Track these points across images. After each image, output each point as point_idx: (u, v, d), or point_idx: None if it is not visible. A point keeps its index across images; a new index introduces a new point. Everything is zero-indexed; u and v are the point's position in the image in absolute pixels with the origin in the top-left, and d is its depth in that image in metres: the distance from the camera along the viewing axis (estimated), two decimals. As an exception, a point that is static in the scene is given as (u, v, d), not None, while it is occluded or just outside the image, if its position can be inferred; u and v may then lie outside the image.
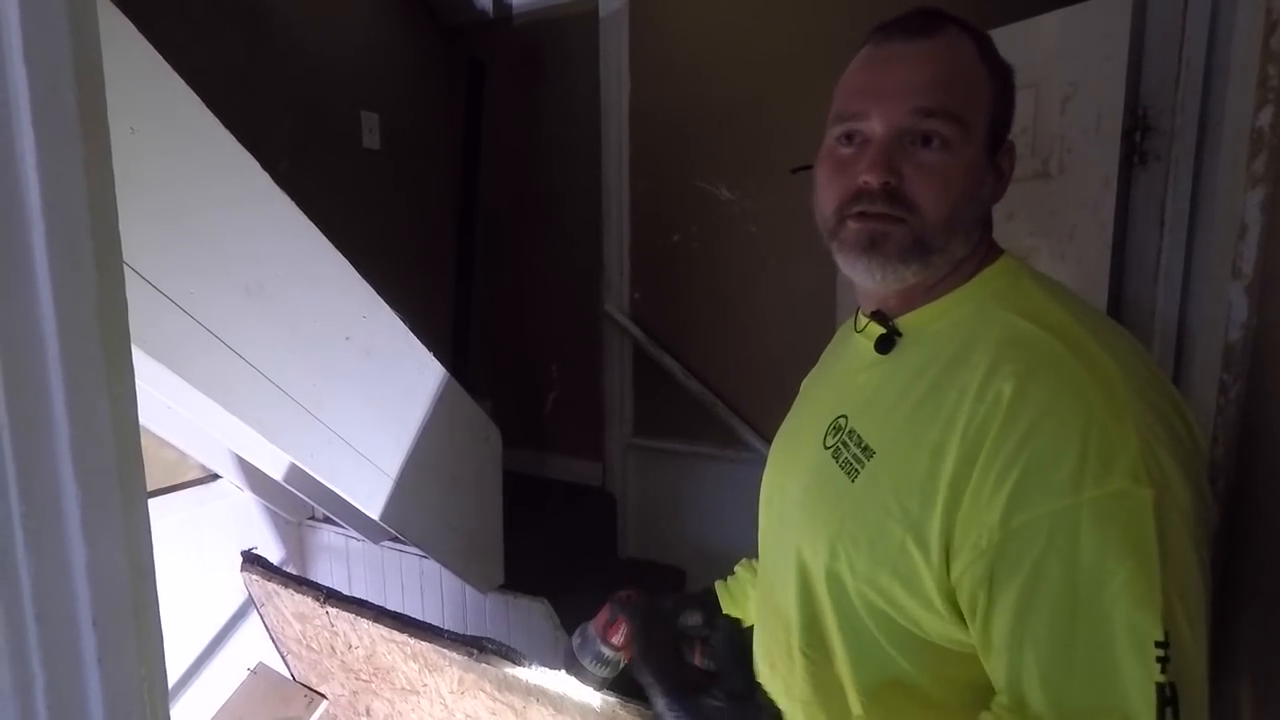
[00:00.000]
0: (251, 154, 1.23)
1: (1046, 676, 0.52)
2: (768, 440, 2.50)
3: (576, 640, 0.98)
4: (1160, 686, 0.48)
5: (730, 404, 2.37)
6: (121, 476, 0.63)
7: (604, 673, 0.96)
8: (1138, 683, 0.49)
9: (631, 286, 2.55)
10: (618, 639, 0.94)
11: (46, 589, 0.59)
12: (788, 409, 0.88)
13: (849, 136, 0.65)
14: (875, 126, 0.63)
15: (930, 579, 0.58)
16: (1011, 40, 1.29)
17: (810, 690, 0.69)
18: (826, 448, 0.70)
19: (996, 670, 0.56)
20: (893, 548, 0.60)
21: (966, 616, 0.58)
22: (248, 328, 1.24)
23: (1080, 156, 1.24)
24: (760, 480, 0.84)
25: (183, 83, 1.12)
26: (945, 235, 0.63)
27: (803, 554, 0.69)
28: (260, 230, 1.26)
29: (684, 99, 2.37)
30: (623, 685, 1.02)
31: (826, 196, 0.67)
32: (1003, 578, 0.54)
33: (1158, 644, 0.49)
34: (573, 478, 2.71)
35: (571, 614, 1.94)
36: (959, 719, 0.61)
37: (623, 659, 0.96)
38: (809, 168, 0.69)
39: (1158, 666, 0.48)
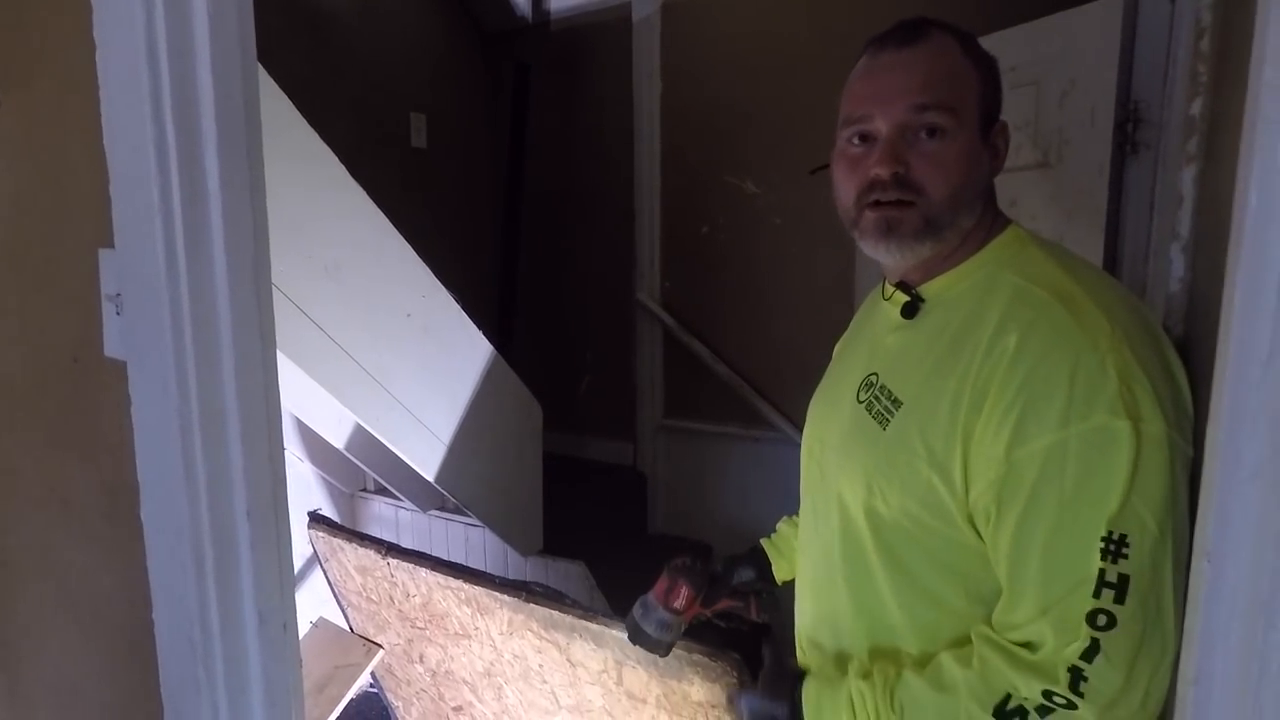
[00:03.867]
0: (315, 152, 1.39)
1: (1040, 576, 0.64)
2: (791, 420, 2.61)
3: (639, 611, 1.02)
4: (1101, 571, 0.60)
5: (756, 386, 2.50)
6: (267, 396, 0.78)
7: (668, 637, 1.00)
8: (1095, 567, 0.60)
9: (662, 275, 2.70)
10: (679, 603, 0.99)
11: (216, 485, 0.75)
12: (811, 389, 0.97)
13: (859, 137, 0.75)
14: (880, 125, 0.72)
15: (954, 504, 0.70)
16: (1014, 41, 1.40)
17: (853, 608, 0.81)
18: (860, 401, 0.80)
19: (1001, 572, 0.68)
20: (920, 483, 0.71)
21: (982, 531, 0.69)
22: (328, 304, 1.41)
23: (1077, 147, 1.35)
24: (782, 457, 0.95)
25: (275, 85, 1.29)
26: (952, 212, 0.73)
27: (843, 493, 0.80)
28: (339, 216, 1.42)
29: (712, 99, 2.50)
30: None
31: (845, 190, 0.77)
32: (1007, 499, 0.65)
33: (1102, 539, 0.60)
34: (605, 457, 2.86)
35: (605, 582, 2.09)
36: (978, 624, 0.72)
37: (684, 622, 1.01)
38: (826, 167, 0.80)
39: (1097, 555, 0.60)
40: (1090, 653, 0.61)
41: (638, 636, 1.03)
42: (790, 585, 1.09)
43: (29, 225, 0.88)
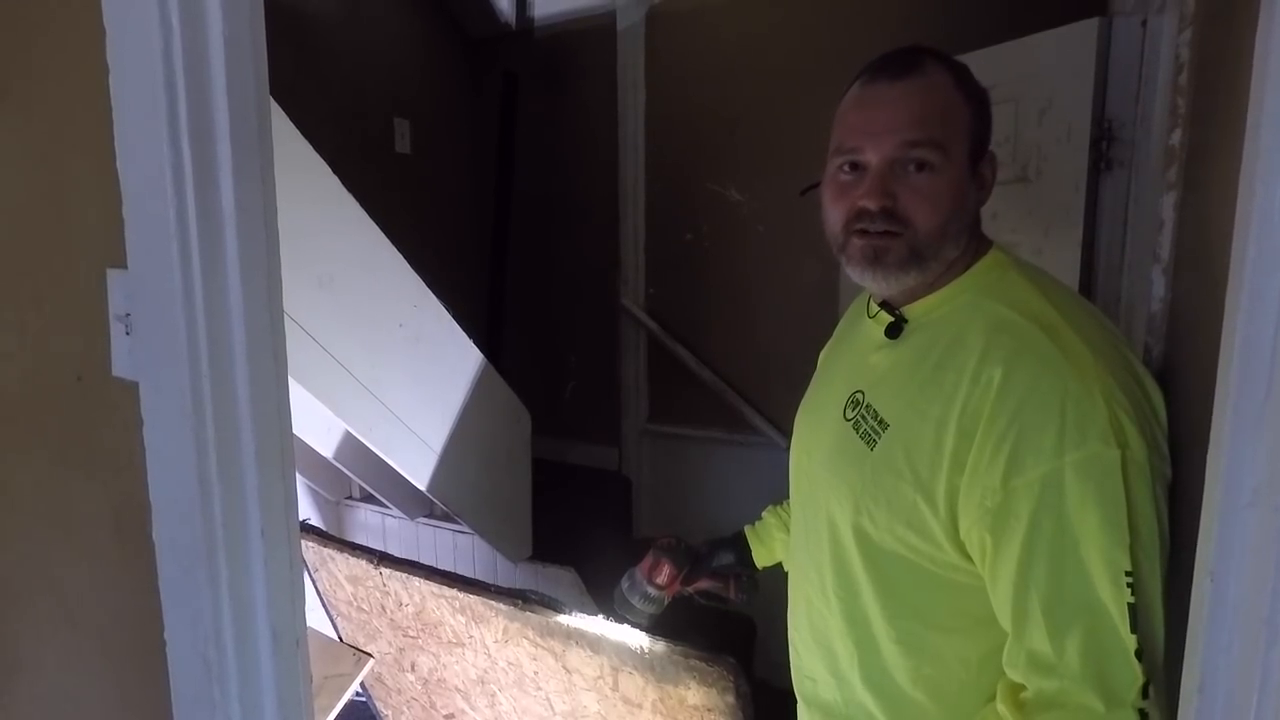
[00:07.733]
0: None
1: (1046, 607, 0.65)
2: (775, 424, 2.64)
3: (625, 583, 1.11)
4: (1131, 606, 0.62)
5: (739, 391, 2.53)
6: (279, 414, 0.79)
7: (650, 609, 1.10)
8: (1115, 603, 0.62)
9: (647, 282, 2.72)
10: (662, 579, 1.08)
11: (231, 504, 0.76)
12: (794, 395, 0.99)
13: (850, 166, 0.76)
14: (870, 158, 0.74)
15: (938, 527, 0.71)
16: (995, 60, 1.45)
17: (844, 622, 0.83)
18: (847, 419, 0.82)
19: (1003, 602, 0.68)
20: (906, 504, 0.73)
21: (975, 559, 0.70)
22: (321, 315, 1.41)
23: (1054, 163, 1.40)
24: (765, 461, 0.97)
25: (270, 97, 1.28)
26: (937, 243, 0.74)
27: (832, 511, 0.82)
28: (332, 228, 1.42)
29: (696, 106, 2.53)
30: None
31: (834, 215, 0.78)
32: (1006, 528, 0.66)
33: (1127, 573, 0.62)
34: (590, 462, 2.87)
35: (591, 587, 2.10)
36: (963, 640, 0.75)
37: (666, 597, 1.09)
38: (816, 186, 0.82)
39: (1128, 591, 0.62)
40: (1146, 688, 0.62)
41: (624, 606, 1.12)
42: (769, 570, 1.15)
43: (29, 243, 0.87)
